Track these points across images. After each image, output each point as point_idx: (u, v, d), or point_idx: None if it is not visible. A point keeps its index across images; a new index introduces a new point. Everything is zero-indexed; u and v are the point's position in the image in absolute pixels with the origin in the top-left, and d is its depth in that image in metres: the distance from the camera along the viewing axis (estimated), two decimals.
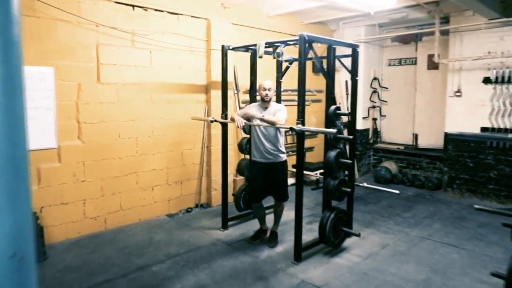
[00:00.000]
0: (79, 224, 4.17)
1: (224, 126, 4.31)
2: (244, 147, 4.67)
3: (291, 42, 3.87)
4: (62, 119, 3.97)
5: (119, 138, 4.42)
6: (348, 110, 7.42)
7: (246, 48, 4.40)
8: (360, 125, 7.29)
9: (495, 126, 5.62)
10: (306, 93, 7.15)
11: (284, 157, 3.88)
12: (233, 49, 4.30)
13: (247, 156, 4.78)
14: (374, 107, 7.52)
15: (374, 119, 7.60)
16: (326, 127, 3.73)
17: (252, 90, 4.55)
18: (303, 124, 3.40)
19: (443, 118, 6.53)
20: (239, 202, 4.72)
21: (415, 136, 7.21)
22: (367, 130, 7.55)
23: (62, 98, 3.96)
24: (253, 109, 3.90)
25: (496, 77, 5.52)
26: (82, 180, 4.16)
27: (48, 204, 3.94)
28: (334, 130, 3.18)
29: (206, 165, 5.37)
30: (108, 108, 4.30)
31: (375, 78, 7.43)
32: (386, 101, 7.57)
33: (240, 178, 5.52)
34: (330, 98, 3.75)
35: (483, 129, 5.74)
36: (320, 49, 4.73)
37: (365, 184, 4.09)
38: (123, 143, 4.45)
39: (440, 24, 6.01)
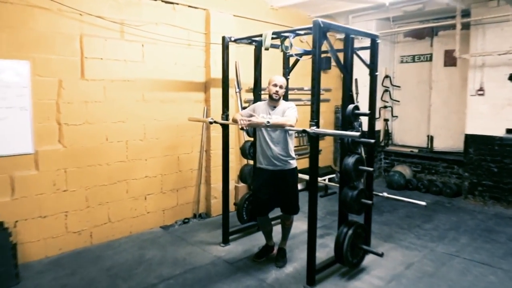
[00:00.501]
0: (60, 240, 3.67)
1: (225, 128, 3.81)
2: (248, 151, 4.17)
3: (302, 32, 3.37)
4: (40, 120, 3.47)
5: (106, 141, 3.92)
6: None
7: (249, 40, 3.90)
8: None
9: None
10: None
11: (294, 163, 3.38)
12: (235, 40, 3.80)
13: (251, 162, 4.28)
14: (385, 107, 7.02)
15: (386, 120, 7.09)
16: (343, 128, 3.23)
17: (257, 88, 4.04)
18: (318, 126, 2.89)
19: (462, 119, 6.03)
20: (242, 213, 4.21)
21: (430, 138, 6.70)
22: (378, 131, 7.04)
23: (40, 96, 3.46)
24: (260, 109, 3.40)
25: None
26: (64, 189, 3.65)
27: (24, 218, 3.44)
28: (357, 133, 2.67)
29: (205, 171, 4.87)
30: (93, 108, 3.79)
31: (386, 76, 6.93)
32: (398, 101, 7.06)
33: (243, 185, 5.01)
34: (348, 96, 3.24)
35: (509, 131, 5.23)
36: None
37: (385, 194, 3.57)
38: (111, 148, 3.95)
39: (462, 16, 5.50)
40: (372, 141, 3.26)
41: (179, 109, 4.50)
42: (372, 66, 3.62)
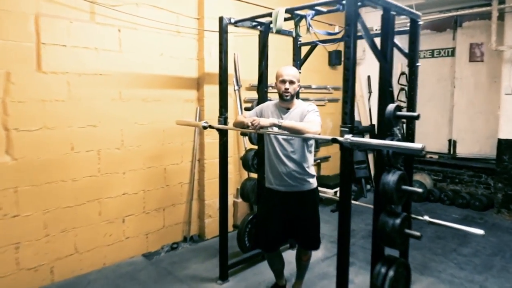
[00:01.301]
0: (9, 280, 2.83)
1: (223, 134, 3.00)
2: (251, 162, 3.36)
3: (325, 9, 2.58)
4: None
5: (71, 151, 3.08)
6: (369, 115, 6.16)
7: (254, 23, 3.10)
8: None
9: None
10: (321, 90, 5.89)
11: (314, 183, 2.58)
12: (235, 22, 3.00)
13: (254, 175, 3.48)
14: (401, 107, 6.23)
15: (402, 122, 6.30)
16: (379, 135, 2.43)
17: (262, 84, 3.23)
18: (352, 131, 2.10)
19: (489, 120, 5.32)
20: (244, 239, 3.40)
21: (453, 143, 5.94)
22: None
23: None
24: (268, 111, 2.61)
25: None
26: (14, 215, 2.82)
27: None
28: (420, 146, 1.86)
29: (197, 185, 4.05)
30: (54, 109, 2.96)
31: (402, 73, 6.17)
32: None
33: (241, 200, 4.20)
34: (387, 93, 2.45)
35: None
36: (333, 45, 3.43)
37: (427, 218, 2.78)
38: (78, 159, 3.12)
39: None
40: (423, 151, 2.46)
41: (166, 110, 3.68)
42: (412, 55, 2.84)
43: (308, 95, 5.38)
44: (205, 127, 2.95)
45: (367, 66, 5.90)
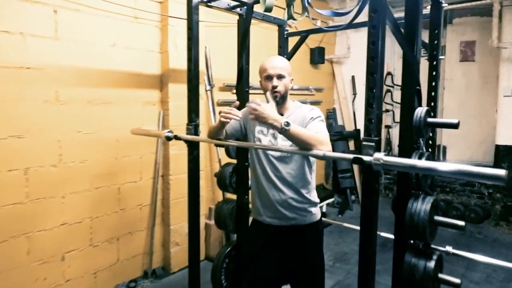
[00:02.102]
0: None
1: (194, 147, 2.29)
2: (229, 180, 2.66)
3: None
4: None
5: None
6: (354, 119, 5.63)
7: (232, 1, 2.41)
8: None
9: None
10: (302, 92, 5.28)
11: (317, 213, 1.93)
12: (208, 1, 2.30)
13: (232, 196, 2.79)
14: (387, 111, 5.77)
15: (388, 127, 5.84)
16: (404, 147, 1.82)
17: (241, 83, 2.55)
18: (379, 146, 1.47)
19: (482, 125, 4.94)
20: (220, 278, 2.69)
21: (443, 149, 5.51)
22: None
23: None
24: (256, 122, 1.94)
25: None
26: None
27: None
28: (503, 172, 1.24)
29: (161, 206, 3.31)
30: None
31: (388, 73, 5.69)
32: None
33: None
34: (413, 93, 1.84)
35: None
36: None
37: (450, 249, 2.20)
38: None
39: None
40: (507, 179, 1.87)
41: (120, 114, 2.93)
42: (435, 47, 2.27)
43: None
44: (169, 138, 2.22)
45: (352, 65, 5.38)
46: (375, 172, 1.48)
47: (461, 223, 1.89)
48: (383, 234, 2.91)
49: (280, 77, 1.81)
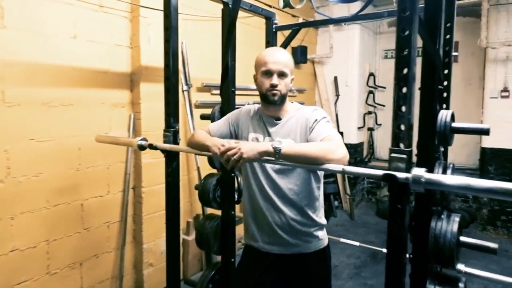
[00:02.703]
0: None
1: (172, 157, 1.92)
2: (212, 195, 2.31)
3: None
4: None
5: None
6: (336, 121, 5.40)
7: None
8: (354, 137, 5.31)
9: None
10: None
11: (324, 238, 1.62)
12: None
13: (217, 212, 2.44)
14: (370, 112, 5.59)
15: (370, 129, 5.67)
16: (425, 156, 1.54)
17: (227, 82, 2.20)
18: (411, 159, 1.18)
19: None
20: None
21: None
22: (361, 144, 5.58)
23: None
24: (247, 124, 1.61)
25: None
26: None
27: None
28: None
29: (132, 223, 2.90)
30: None
31: (371, 74, 5.51)
32: (383, 105, 5.67)
33: (194, 237, 3.14)
34: (435, 93, 1.57)
35: None
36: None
37: (463, 268, 1.92)
38: None
39: None
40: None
41: (83, 118, 2.51)
42: (447, 42, 2.02)
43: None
44: (142, 147, 1.85)
45: (334, 66, 5.15)
46: (407, 192, 1.19)
47: (494, 245, 1.63)
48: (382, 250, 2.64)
49: (282, 74, 1.49)
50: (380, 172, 1.16)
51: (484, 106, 4.38)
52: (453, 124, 1.55)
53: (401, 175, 1.11)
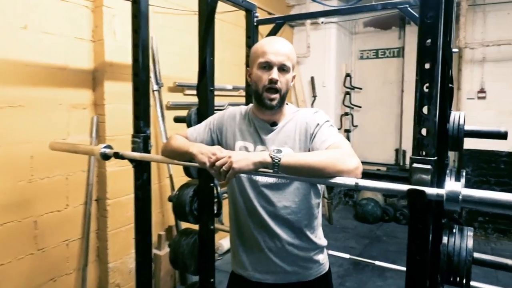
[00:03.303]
0: None
1: (143, 168, 1.65)
2: (189, 208, 2.05)
3: None
4: None
5: None
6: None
7: None
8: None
9: None
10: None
11: (325, 262, 1.39)
12: None
13: (195, 226, 2.17)
14: (346, 114, 5.48)
15: (347, 131, 5.56)
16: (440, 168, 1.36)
17: (204, 81, 1.94)
18: (436, 171, 0.98)
19: None
20: None
21: (402, 153, 5.34)
22: None
23: None
24: (235, 129, 1.36)
25: None
26: None
27: None
28: None
29: (96, 240, 2.57)
30: None
31: (347, 75, 5.41)
32: (360, 106, 5.58)
33: (166, 251, 2.86)
34: (446, 92, 1.39)
35: None
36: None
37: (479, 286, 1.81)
38: None
39: None
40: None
41: (35, 122, 2.17)
42: (433, 44, 1.86)
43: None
44: (106, 157, 1.56)
45: (311, 66, 4.99)
46: (429, 208, 0.99)
47: (510, 262, 1.48)
48: (382, 264, 2.49)
49: (283, 69, 1.25)
50: (403, 187, 0.95)
51: (460, 107, 4.36)
52: (466, 127, 1.37)
53: (431, 190, 0.91)
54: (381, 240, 4.31)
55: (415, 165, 0.99)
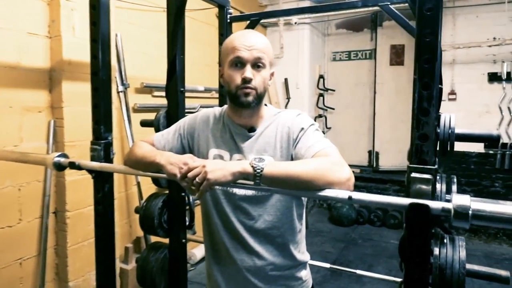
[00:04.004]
0: None
1: (104, 180, 1.46)
2: (158, 220, 1.87)
3: None
4: None
5: None
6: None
7: None
8: None
9: (506, 141, 4.06)
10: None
11: (308, 278, 1.27)
12: None
13: (164, 240, 1.99)
14: (320, 116, 5.43)
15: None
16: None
17: (173, 81, 1.78)
18: (435, 182, 0.88)
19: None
20: None
21: (375, 155, 5.35)
22: None
23: None
24: (208, 136, 1.20)
25: (508, 73, 3.96)
26: None
27: None
28: None
29: (55, 256, 2.33)
30: None
31: (321, 77, 5.36)
32: (333, 108, 5.55)
33: (134, 265, 2.65)
34: (436, 93, 1.30)
35: (489, 145, 4.14)
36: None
37: None
38: None
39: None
40: None
41: None
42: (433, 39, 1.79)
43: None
44: (60, 167, 1.36)
45: (285, 67, 4.90)
46: (431, 223, 0.89)
47: (505, 273, 1.40)
48: (364, 273, 2.39)
49: (258, 64, 1.10)
50: (403, 201, 0.84)
51: None
52: (457, 131, 1.28)
53: (435, 205, 0.80)
54: (357, 243, 4.26)
55: (414, 174, 0.88)
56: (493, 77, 4.03)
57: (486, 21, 3.99)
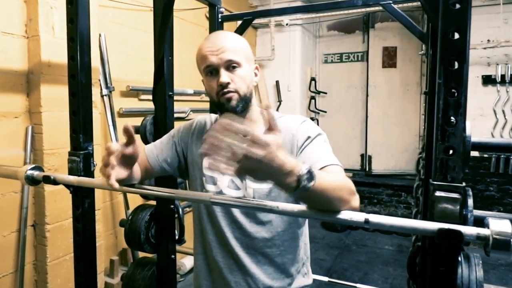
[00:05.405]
0: None
1: (84, 194, 1.31)
2: (145, 235, 1.73)
3: None
4: None
5: None
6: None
7: None
8: None
9: None
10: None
11: None
12: None
13: (147, 254, 1.85)
14: (312, 119, 5.33)
15: None
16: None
17: (161, 83, 1.65)
18: (465, 201, 0.76)
19: (404, 133, 4.88)
20: None
21: (368, 159, 5.28)
22: None
23: None
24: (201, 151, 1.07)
25: (502, 75, 3.92)
26: None
27: None
28: None
29: (33, 272, 2.17)
30: None
31: (312, 79, 5.26)
32: (325, 111, 5.46)
33: (119, 280, 2.49)
34: (464, 102, 1.19)
35: (482, 149, 4.08)
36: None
37: None
38: None
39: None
40: None
41: None
42: (461, 37, 1.69)
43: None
44: (34, 181, 1.21)
45: (276, 69, 4.79)
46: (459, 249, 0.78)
47: None
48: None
49: (232, 66, 0.99)
50: (431, 226, 0.72)
51: (422, 111, 4.33)
52: (474, 139, 1.18)
53: (468, 230, 0.69)
54: (351, 249, 4.17)
55: (438, 193, 0.77)
56: (488, 80, 3.98)
57: (480, 23, 3.95)
